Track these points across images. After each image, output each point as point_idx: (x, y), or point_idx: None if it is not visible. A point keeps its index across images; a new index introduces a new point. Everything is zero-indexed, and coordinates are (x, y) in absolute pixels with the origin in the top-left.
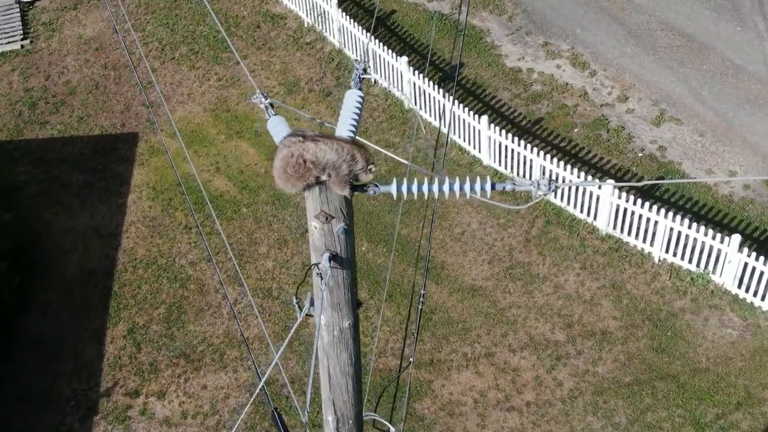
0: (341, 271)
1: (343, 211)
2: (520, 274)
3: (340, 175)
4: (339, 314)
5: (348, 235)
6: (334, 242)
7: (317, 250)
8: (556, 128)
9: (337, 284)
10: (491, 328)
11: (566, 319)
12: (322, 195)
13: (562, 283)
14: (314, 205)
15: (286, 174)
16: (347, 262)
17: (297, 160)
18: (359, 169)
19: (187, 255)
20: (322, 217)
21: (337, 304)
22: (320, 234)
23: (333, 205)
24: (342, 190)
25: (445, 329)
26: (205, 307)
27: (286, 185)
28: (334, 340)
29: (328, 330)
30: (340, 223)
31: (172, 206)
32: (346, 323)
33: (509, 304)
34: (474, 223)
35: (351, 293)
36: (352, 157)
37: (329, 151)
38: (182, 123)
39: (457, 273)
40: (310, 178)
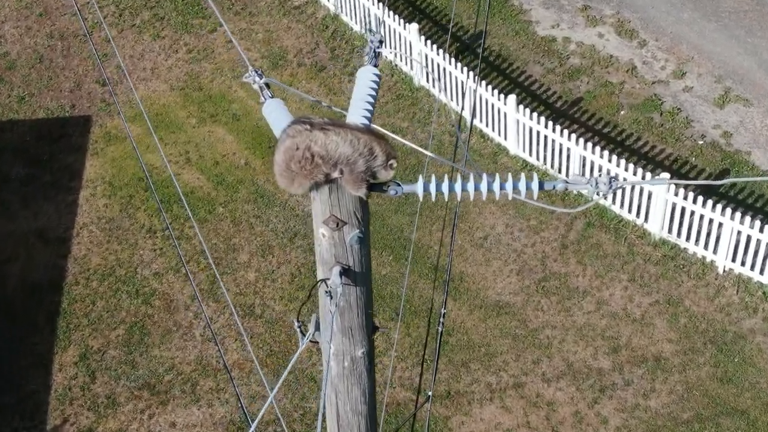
0: (354, 288)
1: (358, 215)
2: (556, 287)
3: (354, 172)
4: (351, 341)
5: (363, 245)
6: (345, 253)
7: (325, 263)
8: (599, 110)
9: (348, 305)
10: (520, 353)
11: (612, 342)
12: (332, 196)
13: (606, 299)
14: (323, 208)
15: (289, 171)
16: (362, 278)
17: (303, 154)
18: (378, 165)
19: (151, 264)
20: (332, 222)
21: (348, 328)
22: (329, 243)
23: (345, 208)
24: (357, 190)
25: (465, 354)
26: (174, 327)
27: (290, 184)
28: (345, 372)
29: (338, 360)
30: (354, 231)
31: (132, 205)
32: (359, 352)
33: (542, 324)
34: (499, 225)
35: (366, 316)
36: (370, 151)
37: (342, 143)
38: (145, 104)
39: (479, 286)
40: (319, 176)
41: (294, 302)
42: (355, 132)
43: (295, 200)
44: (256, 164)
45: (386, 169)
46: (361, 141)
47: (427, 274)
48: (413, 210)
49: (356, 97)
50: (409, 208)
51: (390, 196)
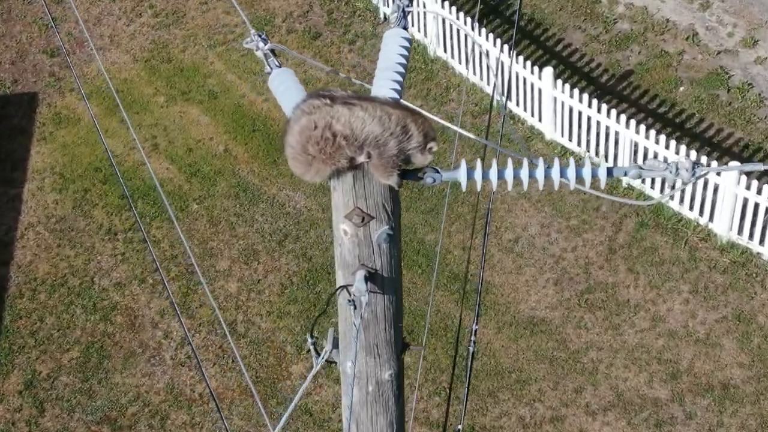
0: (382, 297)
1: (387, 208)
2: (602, 300)
3: (385, 156)
4: (376, 361)
5: (393, 245)
6: (372, 254)
7: (347, 266)
8: (653, 86)
9: (374, 317)
10: (559, 381)
11: (670, 367)
12: (357, 185)
13: (663, 314)
14: (345, 199)
15: (305, 154)
16: (391, 284)
17: (323, 134)
18: (413, 147)
19: (111, 273)
20: (356, 217)
21: (373, 345)
22: (353, 242)
23: (373, 199)
24: (387, 177)
25: (493, 381)
26: (139, 348)
27: (306, 171)
28: (368, 398)
29: (360, 384)
30: (382, 227)
31: (88, 201)
32: (387, 374)
33: (586, 345)
34: (533, 225)
35: (395, 330)
36: (404, 129)
37: (370, 120)
38: (102, 79)
39: (509, 299)
40: (342, 161)
41: (284, 318)
42: (386, 107)
43: (285, 196)
44: (237, 151)
45: (423, 152)
46: (393, 118)
47: (445, 284)
48: (427, 207)
49: (383, 66)
50: (423, 205)
51: (426, 185)
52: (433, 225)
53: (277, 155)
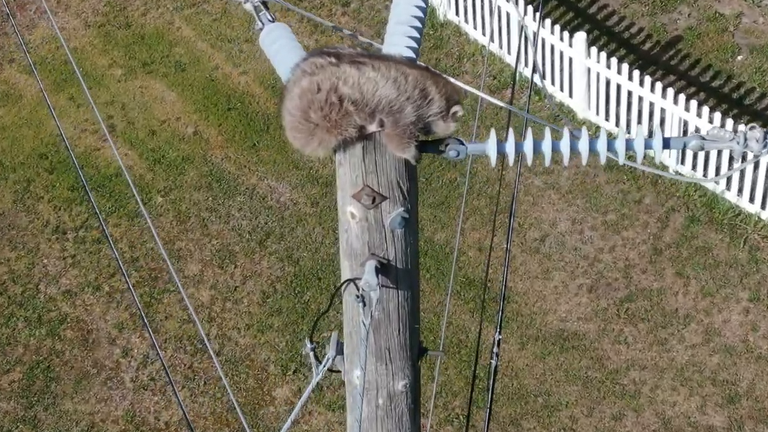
0: (396, 292)
1: (403, 187)
2: (645, 310)
3: (400, 124)
4: (388, 368)
5: (409, 230)
6: (384, 242)
7: (355, 255)
8: (705, 55)
9: (386, 316)
10: (595, 405)
11: (727, 389)
12: (367, 159)
13: (718, 327)
14: (352, 176)
15: (307, 122)
16: (407, 277)
17: (328, 98)
18: (434, 114)
19: (59, 279)
20: (366, 197)
21: (385, 350)
22: (361, 227)
23: (386, 176)
24: (403, 149)
25: (515, 407)
26: (93, 369)
27: (307, 142)
28: (378, 413)
29: (369, 396)
30: (397, 209)
31: (32, 194)
32: (400, 384)
33: (626, 363)
34: (562, 221)
35: (410, 332)
36: (422, 93)
37: (383, 82)
38: (48, 48)
39: (534, 309)
40: (349, 129)
41: (266, 332)
42: (401, 67)
43: (267, 186)
44: (209, 134)
45: (446, 119)
46: (410, 79)
47: (458, 291)
48: (436, 199)
49: (396, 21)
50: (431, 197)
51: (450, 159)
52: (443, 221)
53: (257, 138)
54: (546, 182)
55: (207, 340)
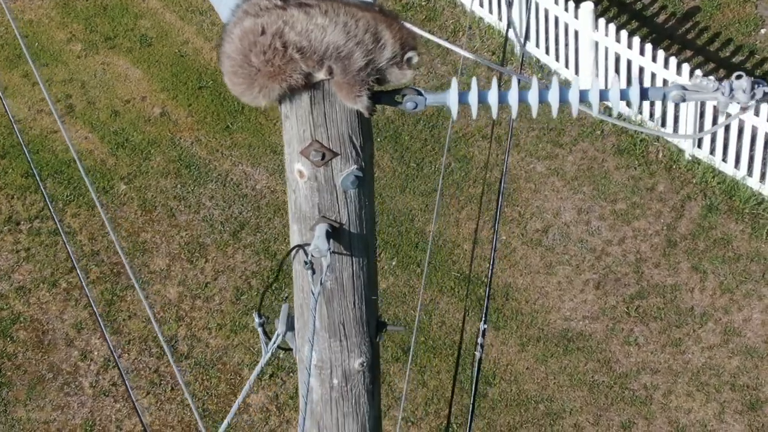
0: (351, 260)
1: (356, 142)
2: (658, 308)
3: (350, 72)
4: (343, 345)
5: (363, 191)
6: (335, 203)
7: (304, 218)
8: (725, 28)
9: (340, 287)
10: (602, 412)
11: (747, 395)
12: (315, 110)
13: (738, 326)
14: (299, 130)
15: (248, 67)
16: (361, 243)
17: (271, 42)
18: (387, 60)
19: (11, 274)
20: (315, 153)
21: (339, 325)
22: (310, 187)
23: (336, 129)
24: (354, 99)
25: (515, 414)
26: (49, 373)
27: (248, 89)
28: (333, 394)
29: (322, 376)
30: (350, 166)
31: None
32: (357, 363)
33: (637, 366)
34: (567, 210)
35: (367, 305)
36: (374, 37)
37: (332, 28)
38: (0, 21)
39: (536, 307)
40: (294, 76)
41: (240, 333)
42: (352, 9)
43: (241, 172)
44: (178, 115)
45: (401, 66)
46: (361, 23)
47: (452, 288)
48: (428, 187)
49: None
50: (423, 185)
51: (407, 110)
52: (431, 208)
53: (230, 119)
54: (549, 168)
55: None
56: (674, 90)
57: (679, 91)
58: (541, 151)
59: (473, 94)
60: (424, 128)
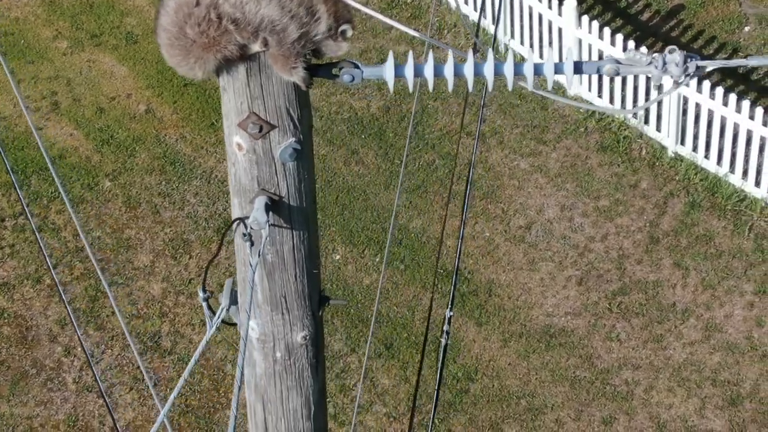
0: (291, 233)
1: (293, 114)
2: (639, 304)
3: (285, 44)
4: (285, 319)
5: (302, 164)
6: (274, 176)
7: (243, 191)
8: (710, 25)
9: (281, 260)
10: (583, 408)
11: (728, 390)
12: (252, 82)
13: (719, 322)
14: (237, 102)
15: (183, 38)
16: (302, 216)
17: (206, 14)
18: (322, 33)
19: None
20: (252, 125)
21: (281, 298)
22: (249, 160)
23: (273, 102)
24: (290, 71)
25: (496, 410)
26: (32, 369)
27: (183, 60)
28: (276, 367)
29: (265, 349)
30: (288, 139)
31: None
32: (299, 336)
33: (618, 362)
34: (550, 207)
35: (309, 278)
36: (309, 10)
37: (267, 2)
38: None
39: (519, 303)
40: (229, 47)
41: (224, 329)
42: None
43: (225, 170)
44: (163, 112)
45: (336, 38)
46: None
47: (437, 284)
48: (412, 184)
49: None
50: (407, 181)
51: (344, 83)
52: (420, 207)
53: (215, 116)
54: (533, 165)
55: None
56: (608, 63)
57: (613, 65)
58: (525, 148)
59: (409, 68)
60: (408, 125)
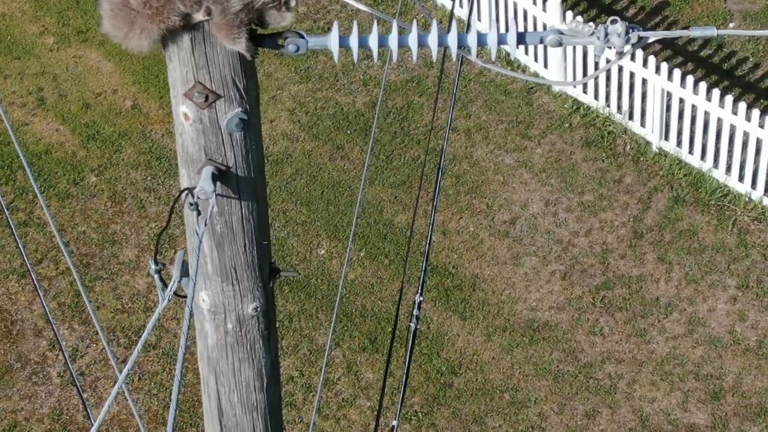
0: (239, 203)
1: (239, 84)
2: (623, 298)
3: (228, 13)
4: (235, 289)
5: (249, 134)
6: (221, 146)
7: (191, 162)
8: (694, 22)
9: (230, 230)
10: (566, 401)
11: (711, 384)
12: (196, 52)
13: (702, 316)
14: (182, 72)
15: (127, 9)
16: (249, 186)
17: None
18: (266, 3)
19: None
20: (198, 95)
21: (231, 269)
22: (195, 130)
23: (219, 71)
24: (234, 41)
25: (480, 403)
26: (17, 363)
27: (129, 32)
28: (228, 339)
29: (216, 321)
30: (234, 109)
31: None
32: (250, 307)
33: (602, 356)
34: (535, 202)
35: (258, 249)
36: None
37: None
38: None
39: (502, 298)
40: (172, 17)
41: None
42: None
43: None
44: (149, 108)
45: (279, 8)
46: None
47: (420, 278)
48: (397, 179)
49: None
50: (392, 176)
51: (289, 54)
52: (405, 202)
53: None
54: (518, 160)
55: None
56: (551, 34)
57: (556, 35)
58: (510, 143)
59: (354, 38)
60: (394, 121)
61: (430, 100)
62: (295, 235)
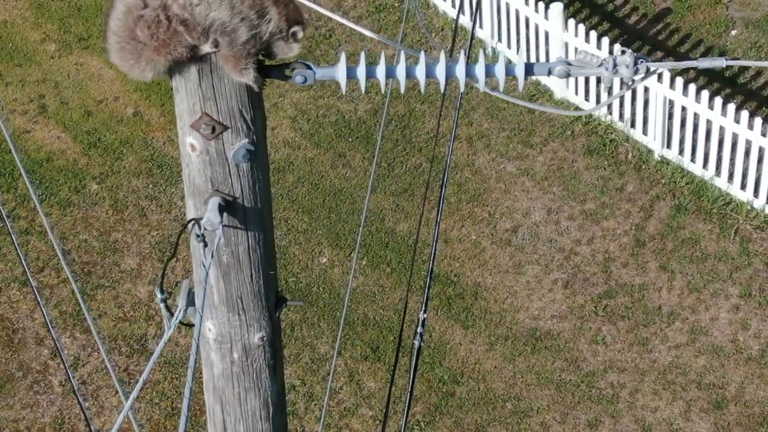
0: (246, 234)
1: (246, 116)
2: (625, 307)
3: (236, 45)
4: (242, 319)
5: (256, 164)
6: (228, 177)
7: (198, 192)
8: (696, 29)
9: (236, 261)
10: (569, 411)
11: (713, 394)
12: (203, 83)
13: (705, 325)
14: (189, 103)
15: (133, 41)
16: (256, 217)
17: (156, 16)
18: (273, 34)
19: None
20: (205, 126)
21: (237, 299)
22: (202, 161)
23: (226, 103)
24: (241, 72)
25: (482, 412)
26: (18, 372)
27: (135, 63)
28: (234, 369)
29: (222, 350)
30: (241, 140)
31: None
32: (256, 337)
33: (604, 365)
34: (537, 210)
35: (265, 279)
36: (260, 12)
37: (217, 4)
38: None
39: (505, 306)
40: (179, 49)
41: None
42: None
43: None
44: (151, 115)
45: (287, 40)
46: None
47: (422, 287)
48: (399, 187)
49: None
50: (394, 185)
51: (297, 84)
52: (407, 210)
53: None
54: (519, 168)
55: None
56: (559, 65)
57: (564, 66)
58: (512, 151)
59: (361, 69)
60: (395, 129)
61: (431, 108)
62: (297, 243)
